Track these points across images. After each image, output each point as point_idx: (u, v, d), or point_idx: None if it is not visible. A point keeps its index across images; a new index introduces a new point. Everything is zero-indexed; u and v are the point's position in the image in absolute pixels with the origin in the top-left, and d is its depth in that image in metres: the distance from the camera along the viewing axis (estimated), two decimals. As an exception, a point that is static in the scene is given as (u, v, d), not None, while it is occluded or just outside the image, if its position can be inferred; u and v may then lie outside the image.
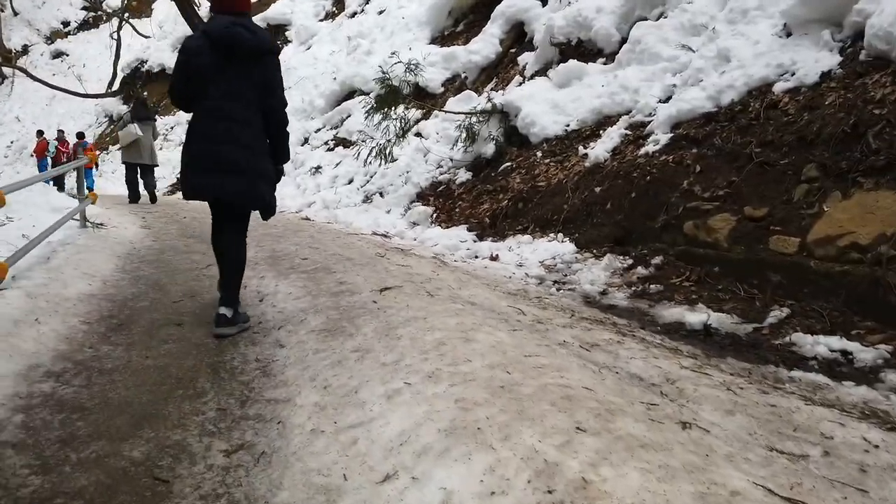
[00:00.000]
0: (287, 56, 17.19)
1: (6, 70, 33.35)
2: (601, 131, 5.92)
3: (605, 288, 4.18)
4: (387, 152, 7.54)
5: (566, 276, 4.56)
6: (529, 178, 6.16)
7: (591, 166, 5.51)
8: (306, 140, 11.10)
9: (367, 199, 7.97)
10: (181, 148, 3.62)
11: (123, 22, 28.15)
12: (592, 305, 3.88)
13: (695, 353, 2.93)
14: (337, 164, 9.37)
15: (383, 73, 7.29)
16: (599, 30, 6.95)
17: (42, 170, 19.65)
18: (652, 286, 4.06)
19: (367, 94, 10.68)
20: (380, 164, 7.81)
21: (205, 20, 22.58)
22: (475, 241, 5.87)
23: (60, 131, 20.56)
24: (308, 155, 10.22)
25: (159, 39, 25.96)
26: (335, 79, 11.67)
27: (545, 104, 6.76)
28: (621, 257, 4.56)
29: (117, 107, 26.13)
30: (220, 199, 3.52)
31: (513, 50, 8.98)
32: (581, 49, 7.27)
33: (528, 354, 2.57)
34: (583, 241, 4.97)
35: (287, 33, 18.96)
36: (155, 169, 10.36)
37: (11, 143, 30.40)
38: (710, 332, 3.31)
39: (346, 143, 9.94)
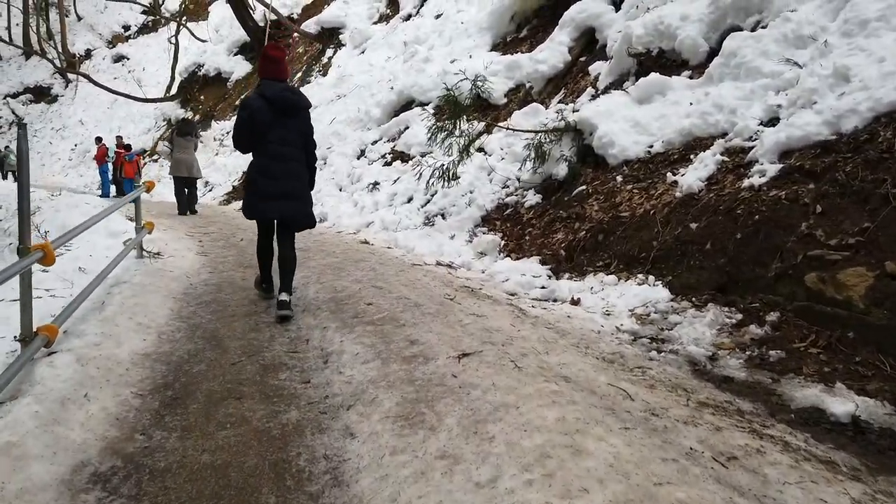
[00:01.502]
0: (342, 61, 17.00)
1: (70, 75, 34.43)
2: (692, 155, 5.34)
3: (713, 351, 3.64)
4: (450, 173, 7.11)
5: (663, 329, 4.03)
6: (609, 205, 5.63)
7: (683, 197, 4.94)
8: (363, 153, 10.77)
9: (429, 221, 7.56)
10: (246, 177, 4.79)
11: (181, 26, 28.57)
12: (704, 377, 3.36)
13: (856, 469, 2.39)
14: (395, 181, 9.00)
15: (447, 88, 6.85)
16: (685, 39, 6.34)
17: (102, 175, 20.06)
18: (771, 351, 3.50)
19: (426, 104, 10.28)
20: (442, 186, 7.39)
21: (259, 24, 22.68)
22: (550, 278, 5.38)
23: (118, 137, 20.92)
24: (365, 169, 9.89)
25: (216, 43, 26.23)
26: (392, 88, 11.30)
27: (624, 122, 6.20)
28: (727, 309, 4.01)
29: (175, 110, 26.56)
30: (286, 219, 4.57)
31: (582, 59, 8.42)
32: (663, 60, 6.67)
33: (657, 481, 2.10)
34: (677, 286, 4.43)
35: (341, 37, 18.78)
36: (198, 181, 11.44)
37: (76, 145, 31.41)
38: (860, 426, 2.75)
39: (404, 157, 9.56)
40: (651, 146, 5.87)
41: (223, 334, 4.06)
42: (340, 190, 10.05)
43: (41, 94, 36.13)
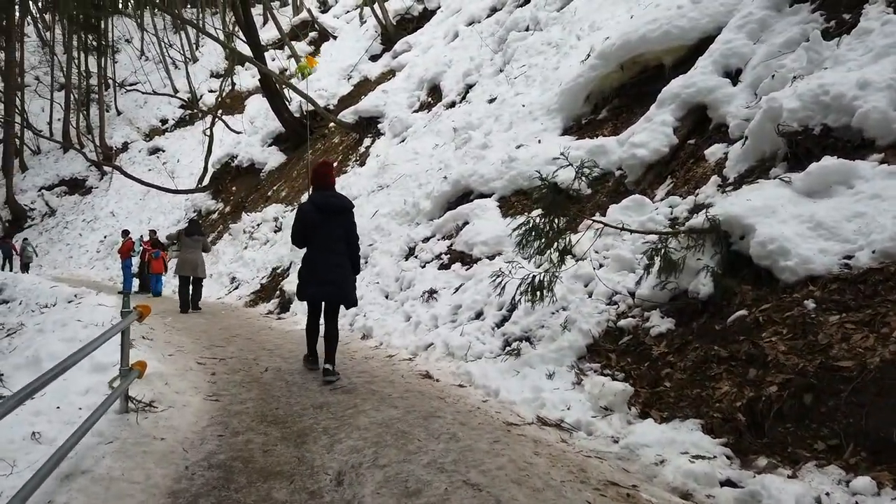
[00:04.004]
0: (381, 150, 15.88)
1: (105, 167, 34.42)
2: (939, 276, 3.55)
3: None
4: (544, 286, 5.39)
5: None
6: (806, 346, 3.80)
7: (959, 345, 3.11)
8: (412, 252, 9.17)
9: (509, 346, 5.78)
10: (299, 268, 5.78)
11: (216, 118, 28.37)
12: None
13: None
14: (457, 289, 7.29)
15: (541, 178, 5.26)
16: (869, 112, 4.69)
17: (125, 270, 18.90)
18: None
19: (488, 195, 8.75)
20: (532, 303, 5.65)
21: (294, 115, 22.07)
22: (731, 462, 3.50)
23: (152, 231, 19.98)
24: (417, 273, 8.24)
25: (250, 135, 25.72)
26: (446, 177, 9.84)
27: (796, 222, 4.48)
28: None
29: (206, 202, 25.82)
30: (330, 300, 5.66)
31: (691, 141, 6.84)
32: (830, 140, 5.00)
33: None
34: None
35: (379, 126, 17.80)
36: (203, 280, 12.00)
37: (105, 237, 30.71)
38: None
39: (465, 258, 7.91)
40: (849, 257, 4.10)
41: None
42: (387, 297, 8.38)
43: (76, 185, 36.10)
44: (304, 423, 4.34)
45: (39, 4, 44.51)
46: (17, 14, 38.15)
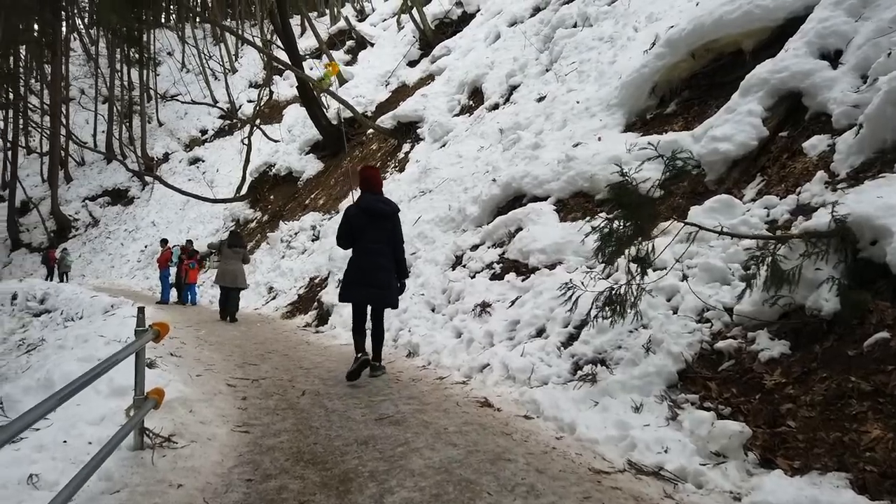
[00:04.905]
0: (420, 155, 15.29)
1: (147, 177, 34.72)
2: None
3: None
4: (625, 302, 4.62)
5: None
6: None
7: None
8: (458, 261, 8.45)
9: (580, 370, 5.00)
10: (345, 270, 5.86)
11: (254, 128, 28.25)
12: None
13: None
14: (513, 302, 6.54)
15: (622, 174, 4.50)
16: None
17: (163, 280, 18.65)
18: None
19: (544, 199, 8.00)
20: (612, 322, 4.86)
21: (332, 122, 21.66)
22: (906, 534, 2.67)
23: (189, 241, 19.80)
24: (466, 284, 7.51)
25: (287, 143, 25.48)
26: (494, 180, 9.11)
27: (949, 223, 3.63)
28: None
29: (244, 211, 25.65)
30: (371, 303, 5.78)
31: (783, 133, 5.98)
32: (978, 123, 4.13)
33: None
34: None
35: (419, 131, 17.22)
36: (241, 291, 12.31)
37: (145, 247, 30.88)
38: None
39: (520, 268, 7.16)
40: None
41: None
42: (433, 310, 7.68)
43: (118, 196, 36.57)
44: (348, 463, 3.64)
45: (85, 20, 45.58)
46: (64, 29, 39.02)
